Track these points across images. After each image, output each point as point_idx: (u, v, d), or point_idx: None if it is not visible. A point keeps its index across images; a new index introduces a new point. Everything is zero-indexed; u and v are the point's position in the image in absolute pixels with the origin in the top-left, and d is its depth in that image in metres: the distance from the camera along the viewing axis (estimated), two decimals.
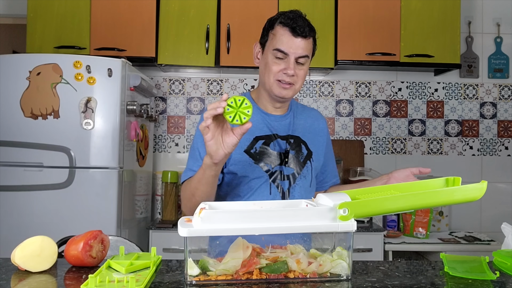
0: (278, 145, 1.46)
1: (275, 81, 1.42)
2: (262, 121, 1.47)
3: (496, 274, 1.02)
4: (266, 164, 1.43)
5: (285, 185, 1.45)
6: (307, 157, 1.50)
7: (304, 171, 1.48)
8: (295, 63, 1.40)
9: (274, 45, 1.41)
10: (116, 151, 2.25)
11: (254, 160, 1.42)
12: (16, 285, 0.97)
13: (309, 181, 1.50)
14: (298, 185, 1.46)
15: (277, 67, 1.40)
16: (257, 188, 1.43)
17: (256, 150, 1.43)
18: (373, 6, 2.80)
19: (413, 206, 1.08)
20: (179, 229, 0.95)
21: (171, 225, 2.55)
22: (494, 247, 2.55)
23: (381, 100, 3.14)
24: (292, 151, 1.47)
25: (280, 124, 1.49)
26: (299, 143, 1.50)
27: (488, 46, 3.18)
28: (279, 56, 1.40)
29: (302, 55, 1.40)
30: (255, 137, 1.44)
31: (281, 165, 1.45)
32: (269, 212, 1.00)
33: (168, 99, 3.08)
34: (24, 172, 2.22)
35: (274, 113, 1.51)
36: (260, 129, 1.46)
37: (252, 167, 1.42)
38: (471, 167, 3.14)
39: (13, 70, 2.24)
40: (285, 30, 1.40)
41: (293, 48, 1.39)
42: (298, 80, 1.42)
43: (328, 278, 1.00)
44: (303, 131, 1.53)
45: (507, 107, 3.18)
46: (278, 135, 1.47)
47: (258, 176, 1.42)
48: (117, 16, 2.69)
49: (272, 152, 1.44)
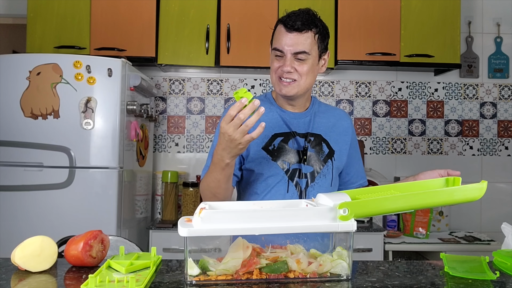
0: (297, 142, 1.45)
1: (277, 78, 1.43)
2: (280, 119, 1.48)
3: (496, 274, 1.02)
4: (284, 161, 1.43)
5: (303, 184, 1.43)
6: (328, 156, 1.48)
7: (324, 170, 1.47)
8: (292, 59, 1.39)
9: (273, 44, 1.44)
10: (116, 151, 2.25)
11: (271, 157, 1.42)
12: (16, 285, 0.97)
13: (330, 180, 1.48)
14: (318, 184, 1.45)
15: (276, 64, 1.42)
16: (274, 185, 1.42)
17: (274, 147, 1.43)
18: (373, 6, 2.80)
19: (413, 206, 1.08)
20: (179, 229, 0.95)
21: (171, 225, 2.55)
22: (494, 247, 2.55)
23: (381, 100, 3.14)
24: (312, 149, 1.46)
25: (299, 122, 1.49)
26: (319, 142, 1.48)
27: (488, 46, 3.18)
28: (278, 55, 1.42)
29: (298, 50, 1.38)
30: (273, 134, 1.45)
31: (300, 163, 1.44)
32: (269, 212, 1.00)
33: (168, 99, 3.08)
34: (24, 172, 2.22)
35: (293, 111, 1.50)
36: (279, 127, 1.46)
37: (270, 164, 1.42)
38: (471, 167, 3.14)
39: (13, 70, 2.24)
40: (280, 27, 1.42)
41: (287, 45, 1.39)
42: (301, 76, 1.41)
43: (328, 278, 1.00)
44: (325, 130, 1.51)
45: (507, 107, 3.18)
46: (297, 133, 1.47)
47: (275, 174, 1.42)
48: (117, 16, 2.70)
49: (291, 150, 1.44)
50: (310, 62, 1.42)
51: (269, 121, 1.43)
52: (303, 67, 1.40)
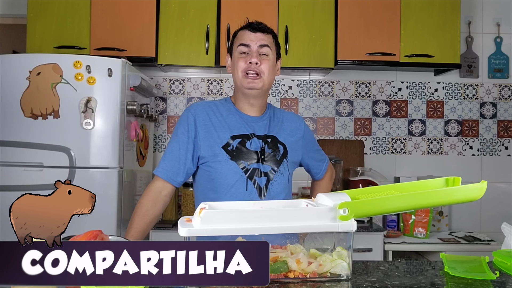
0: (255, 143, 1.55)
1: (243, 75, 1.53)
2: (240, 121, 1.58)
3: (496, 274, 1.02)
4: (242, 161, 1.52)
5: (262, 182, 1.52)
6: (283, 155, 1.59)
7: (281, 168, 1.57)
8: (258, 53, 1.52)
9: (237, 43, 1.56)
10: (116, 151, 2.25)
11: (230, 157, 1.51)
12: None
13: (287, 177, 1.59)
14: (276, 181, 1.55)
15: (242, 61, 1.53)
16: (233, 184, 1.50)
17: (233, 148, 1.52)
18: (373, 6, 2.80)
19: (413, 206, 1.08)
20: (179, 229, 0.95)
21: (171, 225, 2.55)
22: (494, 247, 2.55)
23: (381, 100, 3.14)
24: (269, 150, 1.56)
25: (257, 125, 1.59)
26: (275, 143, 1.59)
27: (488, 46, 3.18)
28: (243, 51, 1.54)
29: (263, 43, 1.53)
30: (232, 135, 1.54)
31: (258, 162, 1.53)
32: (269, 212, 1.00)
33: (168, 99, 3.08)
34: (24, 172, 2.22)
35: (251, 114, 1.60)
36: (238, 129, 1.56)
37: (228, 163, 1.51)
38: (471, 167, 3.14)
39: (13, 70, 2.24)
40: (244, 30, 1.57)
41: (253, 40, 1.53)
42: (264, 70, 1.53)
43: (328, 278, 1.00)
44: (280, 132, 1.62)
45: (507, 107, 3.18)
46: (255, 135, 1.56)
47: (234, 173, 1.51)
48: (117, 16, 2.69)
49: (249, 150, 1.53)
50: (271, 60, 1.55)
51: (230, 123, 1.56)
52: (266, 63, 1.53)
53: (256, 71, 1.52)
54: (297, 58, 2.77)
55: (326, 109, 3.13)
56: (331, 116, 3.13)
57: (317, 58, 2.78)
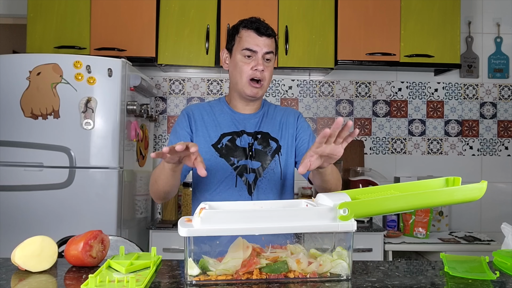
0: (244, 140, 1.56)
1: (248, 81, 1.53)
2: (230, 120, 1.59)
3: (496, 274, 1.02)
4: (231, 158, 1.53)
5: (251, 178, 1.53)
6: (275, 151, 1.58)
7: (272, 165, 1.56)
8: (263, 59, 1.52)
9: (242, 46, 1.53)
10: (116, 151, 2.25)
11: (219, 154, 1.53)
12: (16, 285, 0.97)
13: (279, 173, 1.57)
14: (265, 178, 1.55)
15: (247, 66, 1.52)
16: (223, 180, 1.52)
17: (223, 145, 1.54)
18: (373, 6, 2.80)
19: (413, 206, 1.08)
20: (179, 229, 0.95)
21: (171, 225, 2.55)
22: (494, 247, 2.55)
23: (381, 100, 3.14)
24: (259, 146, 1.56)
25: (249, 122, 1.60)
26: (267, 139, 1.59)
27: (488, 46, 3.18)
28: (248, 55, 1.52)
29: (268, 51, 1.53)
30: (221, 133, 1.56)
31: (247, 159, 1.54)
32: (269, 212, 1.00)
33: (168, 99, 3.08)
34: (24, 172, 2.22)
35: (244, 112, 1.61)
36: (228, 127, 1.57)
37: (217, 160, 1.52)
38: (471, 167, 3.14)
39: (13, 70, 2.24)
40: (250, 32, 1.54)
41: (259, 46, 1.52)
42: (267, 77, 1.54)
43: (328, 278, 1.00)
44: (273, 128, 1.61)
45: (507, 107, 3.18)
46: (246, 131, 1.57)
47: (223, 169, 1.52)
48: (117, 16, 2.69)
49: (238, 147, 1.55)
50: (272, 64, 1.57)
51: (221, 122, 1.58)
52: (269, 70, 1.54)
53: (260, 78, 1.52)
54: (297, 58, 2.77)
55: (326, 109, 3.13)
56: (331, 116, 3.13)
57: (317, 58, 2.78)
